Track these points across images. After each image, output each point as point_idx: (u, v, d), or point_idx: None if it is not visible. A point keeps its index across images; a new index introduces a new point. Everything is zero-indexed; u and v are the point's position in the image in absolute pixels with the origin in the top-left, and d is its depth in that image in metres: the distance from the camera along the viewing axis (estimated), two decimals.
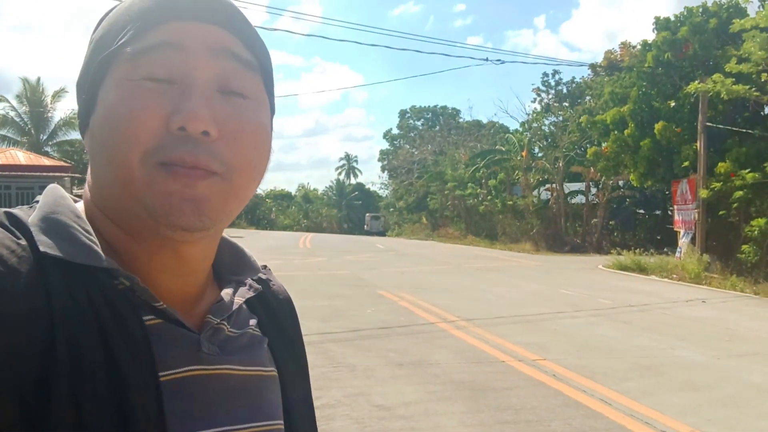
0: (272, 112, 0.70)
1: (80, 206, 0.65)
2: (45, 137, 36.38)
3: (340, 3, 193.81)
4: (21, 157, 24.69)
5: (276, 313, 0.78)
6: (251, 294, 0.74)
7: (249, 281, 0.76)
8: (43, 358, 0.52)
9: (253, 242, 27.22)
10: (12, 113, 35.64)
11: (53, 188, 0.66)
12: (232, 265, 0.75)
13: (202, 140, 0.58)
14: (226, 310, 0.69)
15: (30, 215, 0.61)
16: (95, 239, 0.60)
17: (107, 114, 0.60)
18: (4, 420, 0.50)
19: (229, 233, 0.75)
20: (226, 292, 0.72)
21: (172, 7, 0.61)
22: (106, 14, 0.66)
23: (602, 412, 5.09)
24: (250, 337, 0.71)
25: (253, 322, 0.73)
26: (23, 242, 0.57)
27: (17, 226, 0.59)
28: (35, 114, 35.71)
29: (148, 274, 0.63)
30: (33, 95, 36.09)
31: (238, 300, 0.72)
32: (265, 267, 0.82)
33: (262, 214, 58.90)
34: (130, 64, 0.60)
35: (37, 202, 0.64)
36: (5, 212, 0.60)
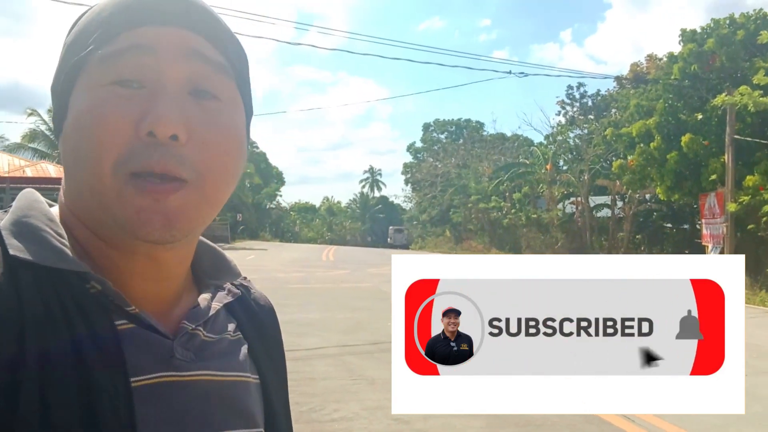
0: (249, 113, 0.69)
1: (55, 210, 0.65)
2: None
3: (366, 19, 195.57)
4: (51, 170, 25.18)
5: (257, 319, 0.77)
6: (230, 299, 0.73)
7: (228, 286, 0.74)
8: (12, 363, 0.51)
9: (277, 254, 27.15)
10: (43, 127, 36.40)
11: (28, 192, 0.65)
12: (211, 269, 0.74)
13: (171, 145, 0.57)
14: (203, 316, 0.68)
15: (2, 219, 0.61)
16: (67, 242, 0.60)
17: (78, 120, 0.59)
18: None
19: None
20: (203, 297, 0.71)
21: (142, 11, 0.60)
22: (80, 17, 0.65)
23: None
24: (228, 342, 0.70)
25: (231, 326, 0.72)
26: None
27: None
28: None
29: (123, 278, 0.62)
30: None
31: (216, 305, 0.71)
32: (245, 278, 0.80)
33: (286, 226, 59.24)
34: (100, 68, 0.59)
35: (11, 207, 0.63)
36: None
